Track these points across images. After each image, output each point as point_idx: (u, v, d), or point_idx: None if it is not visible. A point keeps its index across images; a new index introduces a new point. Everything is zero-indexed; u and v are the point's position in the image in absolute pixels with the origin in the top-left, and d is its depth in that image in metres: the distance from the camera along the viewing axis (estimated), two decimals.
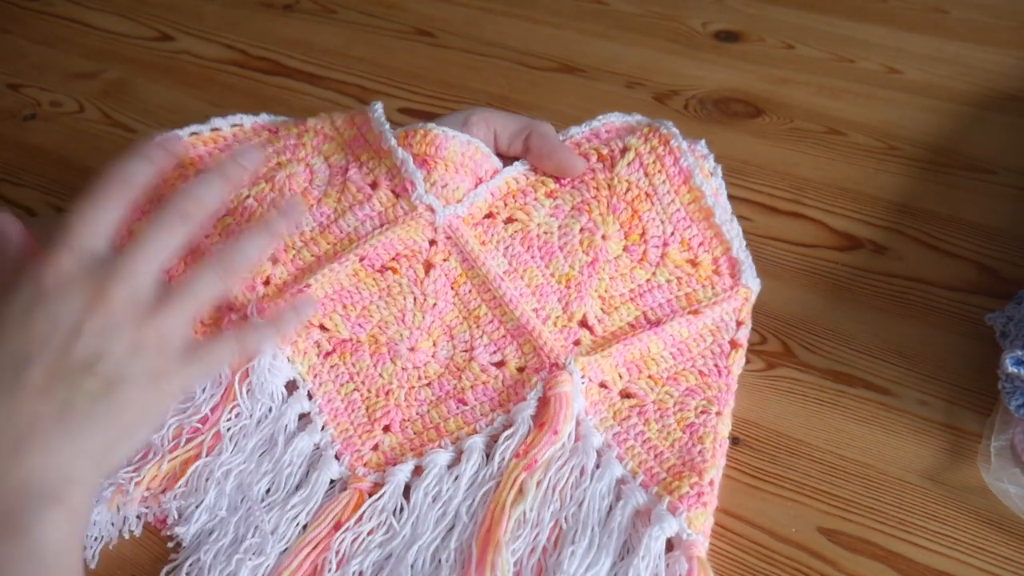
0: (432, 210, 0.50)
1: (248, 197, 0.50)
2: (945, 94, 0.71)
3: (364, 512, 0.46)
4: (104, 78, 0.78)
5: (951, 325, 0.54)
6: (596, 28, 0.80)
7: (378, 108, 0.52)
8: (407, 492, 0.47)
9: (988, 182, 0.63)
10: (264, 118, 0.54)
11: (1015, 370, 0.45)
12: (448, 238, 0.51)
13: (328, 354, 0.51)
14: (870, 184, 0.63)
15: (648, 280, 0.51)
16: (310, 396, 0.50)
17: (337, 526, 0.45)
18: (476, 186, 0.51)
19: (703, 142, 0.54)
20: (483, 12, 0.83)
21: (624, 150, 0.51)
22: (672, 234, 0.51)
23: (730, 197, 0.62)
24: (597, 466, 0.46)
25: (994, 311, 0.51)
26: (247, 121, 0.54)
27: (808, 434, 0.49)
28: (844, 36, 0.77)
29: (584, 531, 0.43)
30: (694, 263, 0.51)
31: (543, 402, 0.47)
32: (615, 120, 0.54)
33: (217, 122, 0.52)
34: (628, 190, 0.51)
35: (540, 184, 0.52)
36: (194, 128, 0.51)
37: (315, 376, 0.51)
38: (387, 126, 0.51)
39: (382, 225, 0.50)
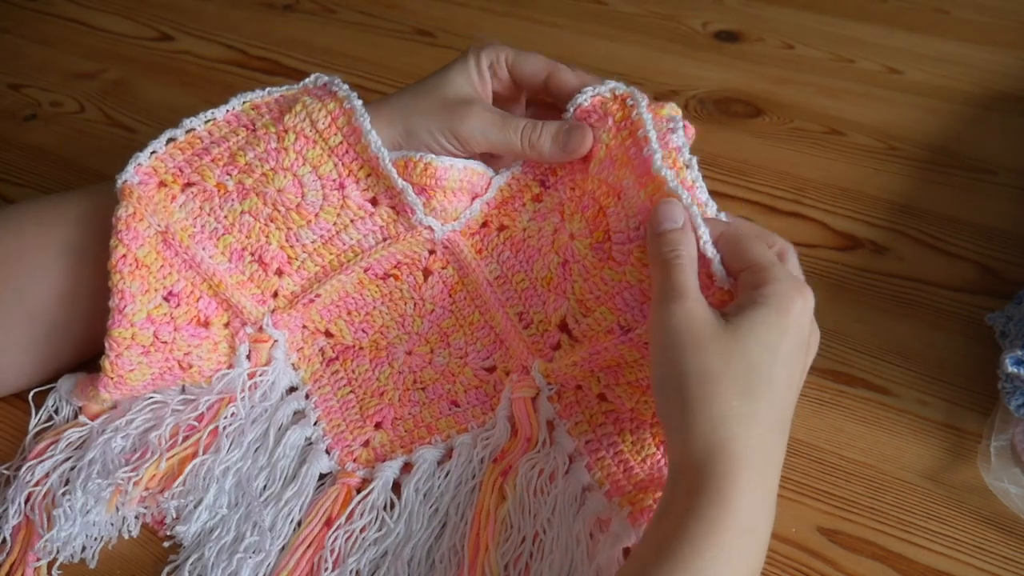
0: (431, 229, 0.50)
1: (244, 213, 0.49)
2: (945, 94, 0.71)
3: (355, 508, 0.46)
4: (104, 78, 0.78)
5: (951, 325, 0.54)
6: (596, 28, 0.80)
7: (366, 122, 0.48)
8: (396, 488, 0.47)
9: (988, 182, 0.63)
10: (234, 104, 0.50)
11: (1015, 370, 0.45)
12: (446, 248, 0.51)
13: (331, 361, 0.52)
14: (870, 184, 0.63)
15: (619, 281, 0.46)
16: (307, 397, 0.51)
17: (329, 522, 0.45)
18: (472, 201, 0.51)
19: (679, 116, 0.49)
20: (483, 12, 0.83)
21: (599, 147, 0.49)
22: (638, 228, 0.45)
23: (730, 197, 0.63)
24: (567, 472, 0.46)
25: (994, 311, 0.52)
26: (219, 114, 0.50)
27: (808, 434, 0.49)
28: (844, 36, 0.77)
29: (558, 540, 0.43)
30: None
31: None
32: (585, 101, 0.49)
33: (191, 122, 0.49)
34: (598, 187, 0.48)
35: (527, 189, 0.51)
36: (169, 134, 0.49)
37: (315, 382, 0.51)
38: (384, 151, 0.48)
39: (384, 240, 0.50)
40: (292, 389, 0.52)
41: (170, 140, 0.49)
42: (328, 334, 0.52)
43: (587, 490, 0.45)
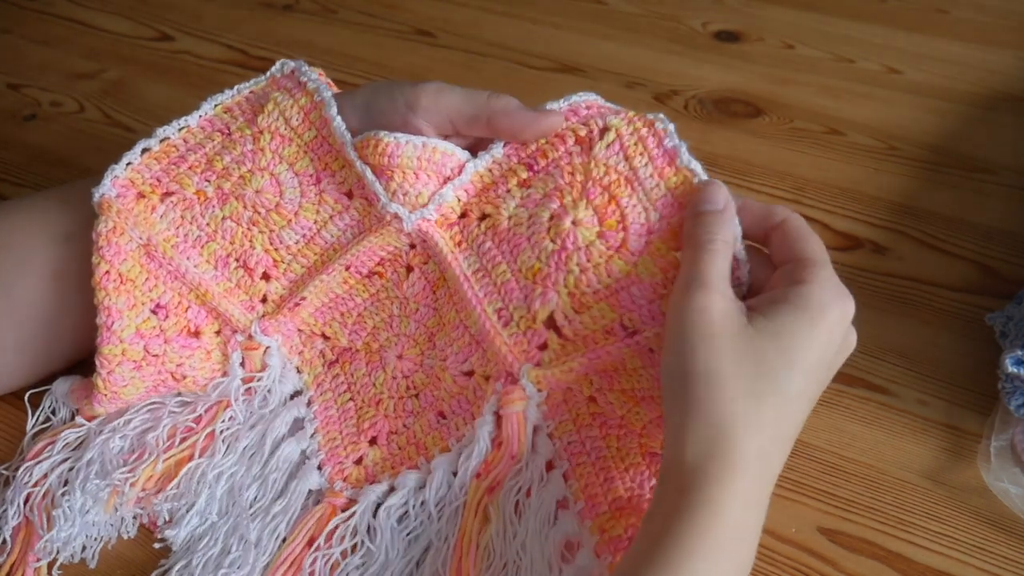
0: (399, 218, 0.46)
1: (225, 219, 0.48)
2: (945, 94, 0.71)
3: (334, 531, 0.45)
4: (104, 78, 0.78)
5: (951, 325, 0.54)
6: (596, 28, 0.80)
7: (332, 109, 0.47)
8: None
9: (988, 182, 0.63)
10: (206, 108, 0.50)
11: (1015, 370, 0.45)
12: (423, 241, 0.48)
13: (332, 364, 0.51)
14: (870, 184, 0.63)
15: (628, 274, 0.42)
16: (309, 403, 0.50)
17: (310, 542, 0.45)
18: (443, 186, 0.46)
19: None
20: (483, 12, 0.83)
21: (604, 130, 0.45)
22: (658, 221, 0.42)
23: None
24: (543, 483, 0.44)
25: (994, 311, 0.51)
26: (192, 120, 0.49)
27: (808, 434, 0.49)
28: (844, 36, 0.77)
29: (533, 565, 0.42)
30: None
31: (498, 418, 0.44)
32: (595, 99, 0.47)
33: (164, 131, 0.49)
34: (605, 174, 0.44)
35: (511, 174, 0.46)
36: (144, 144, 0.48)
37: (318, 385, 0.51)
38: (348, 136, 0.46)
39: (361, 233, 0.48)
40: (297, 393, 0.51)
41: (145, 150, 0.49)
42: (325, 336, 0.51)
43: (561, 506, 0.43)
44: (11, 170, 0.69)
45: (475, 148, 0.48)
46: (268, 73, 0.51)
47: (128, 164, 0.48)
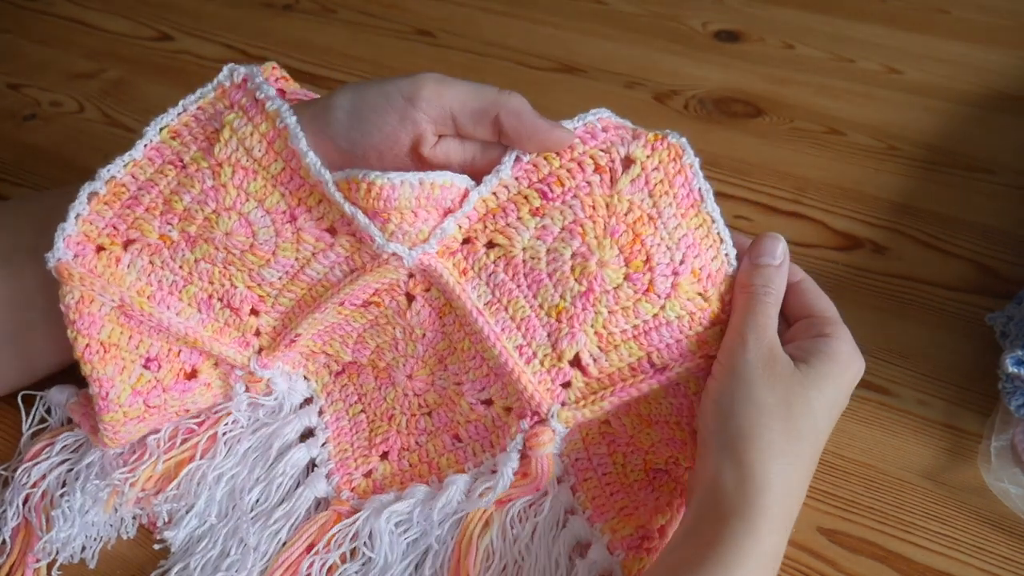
0: (398, 256, 0.42)
1: (199, 261, 0.44)
2: (945, 94, 0.71)
3: (333, 537, 0.45)
4: (104, 78, 0.78)
5: (951, 325, 0.54)
6: (596, 28, 0.80)
7: (301, 142, 0.42)
8: None
9: (988, 182, 0.63)
10: (151, 135, 0.44)
11: (1015, 370, 0.45)
12: (424, 273, 0.44)
13: (338, 374, 0.50)
14: (870, 184, 0.63)
15: (656, 316, 0.42)
16: (321, 413, 0.50)
17: (310, 547, 0.44)
18: (443, 218, 0.43)
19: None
20: (483, 12, 0.83)
21: (628, 162, 0.43)
22: (682, 263, 0.43)
23: (730, 197, 0.63)
24: (554, 489, 0.45)
25: (994, 311, 0.51)
26: (137, 152, 0.43)
27: None
28: (844, 36, 0.77)
29: (537, 563, 0.43)
30: (704, 297, 0.43)
31: (524, 457, 0.44)
32: (608, 116, 0.44)
33: (109, 171, 0.43)
34: (629, 211, 0.42)
35: (522, 200, 0.43)
36: (89, 188, 0.43)
37: (328, 394, 0.50)
38: (327, 175, 0.42)
39: (352, 271, 0.44)
40: (307, 401, 0.50)
41: (92, 195, 0.43)
42: (327, 354, 0.50)
43: (569, 512, 0.44)
44: (11, 170, 0.69)
45: (471, 169, 0.44)
46: (216, 81, 0.45)
47: (77, 216, 0.43)
